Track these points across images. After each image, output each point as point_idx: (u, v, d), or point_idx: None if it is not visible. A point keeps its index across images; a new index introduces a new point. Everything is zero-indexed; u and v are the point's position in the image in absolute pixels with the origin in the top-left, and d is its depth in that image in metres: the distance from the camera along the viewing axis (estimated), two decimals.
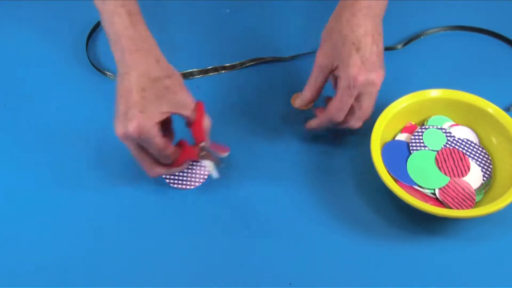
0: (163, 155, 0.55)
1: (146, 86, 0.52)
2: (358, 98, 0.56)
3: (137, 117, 0.51)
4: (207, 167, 0.58)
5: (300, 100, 0.62)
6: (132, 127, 0.51)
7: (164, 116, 0.53)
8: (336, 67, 0.56)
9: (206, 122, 0.57)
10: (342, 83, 0.55)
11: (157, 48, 0.56)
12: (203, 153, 0.57)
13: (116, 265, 0.54)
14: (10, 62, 0.75)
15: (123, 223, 0.57)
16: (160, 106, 0.52)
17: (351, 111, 0.57)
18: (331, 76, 0.58)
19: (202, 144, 0.57)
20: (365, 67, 0.55)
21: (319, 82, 0.59)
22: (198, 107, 0.56)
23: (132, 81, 0.52)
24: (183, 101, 0.54)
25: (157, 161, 0.56)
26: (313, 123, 0.60)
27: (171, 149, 0.55)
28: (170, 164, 0.57)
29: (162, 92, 0.53)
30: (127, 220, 0.57)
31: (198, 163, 0.61)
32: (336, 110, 0.57)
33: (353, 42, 0.55)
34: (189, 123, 0.57)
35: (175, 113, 0.55)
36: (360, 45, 0.55)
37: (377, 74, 0.56)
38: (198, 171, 0.60)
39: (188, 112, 0.55)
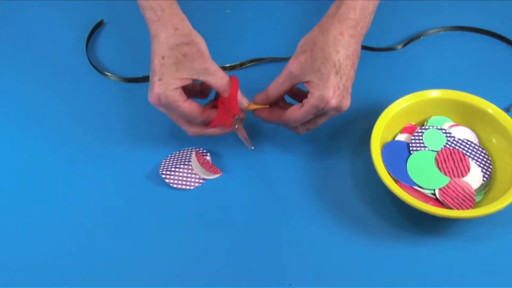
0: (190, 118, 0.57)
1: (165, 54, 0.54)
2: (318, 116, 0.57)
3: (155, 84, 0.54)
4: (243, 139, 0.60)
5: (260, 98, 0.59)
6: (151, 95, 0.55)
7: (183, 83, 0.55)
8: (308, 82, 0.55)
9: (242, 99, 0.58)
10: (313, 101, 0.54)
11: (178, 16, 0.56)
12: (236, 126, 0.58)
13: (115, 265, 0.54)
14: (10, 62, 0.75)
15: (122, 222, 0.57)
16: (177, 73, 0.54)
17: (305, 123, 0.58)
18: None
19: (236, 117, 0.58)
20: (339, 92, 0.54)
21: (283, 88, 0.57)
22: (232, 81, 0.56)
23: (154, 50, 0.55)
24: (203, 68, 0.54)
25: (191, 122, 0.58)
26: (263, 115, 0.60)
27: (196, 112, 0.56)
28: (206, 124, 0.58)
29: (180, 59, 0.54)
30: (126, 219, 0.57)
31: (192, 166, 0.61)
32: (294, 121, 0.57)
33: (334, 64, 0.54)
34: (217, 94, 0.58)
35: (197, 80, 0.56)
36: (340, 69, 0.54)
37: (347, 102, 0.56)
38: (197, 172, 0.60)
39: (212, 80, 0.55)
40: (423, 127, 0.62)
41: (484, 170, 0.58)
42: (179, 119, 0.58)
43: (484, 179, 0.58)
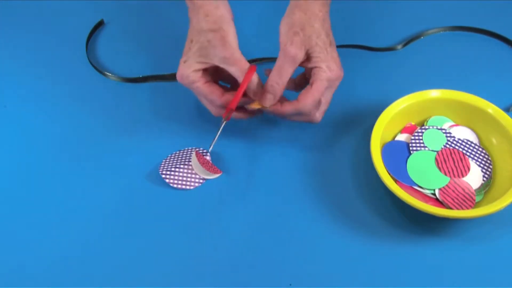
0: (209, 100, 0.59)
1: (194, 38, 0.57)
2: (327, 90, 0.58)
3: (180, 66, 0.58)
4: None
5: (272, 97, 0.58)
6: (177, 75, 0.59)
7: (204, 66, 0.57)
8: (309, 59, 0.57)
9: (253, 85, 0.57)
10: (324, 75, 0.56)
11: (211, 4, 0.57)
12: (224, 122, 0.59)
13: (114, 265, 0.54)
14: (10, 62, 0.75)
15: (122, 222, 0.57)
16: (200, 57, 0.57)
17: (318, 104, 0.59)
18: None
19: (230, 111, 0.58)
20: (338, 62, 0.58)
21: (288, 77, 0.57)
22: (246, 74, 0.56)
23: (188, 34, 0.59)
24: (223, 56, 0.55)
25: (213, 103, 0.60)
26: (276, 112, 0.59)
27: (215, 95, 0.58)
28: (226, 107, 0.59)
29: (204, 44, 0.56)
30: (126, 219, 0.57)
31: (192, 166, 0.61)
32: (313, 102, 0.57)
33: (326, 35, 0.57)
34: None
35: (217, 65, 0.57)
36: (331, 39, 0.58)
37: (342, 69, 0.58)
38: (197, 172, 0.60)
39: (231, 69, 0.56)
40: (423, 127, 0.62)
41: (484, 170, 0.58)
42: (202, 99, 0.61)
43: (484, 179, 0.58)
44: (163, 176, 0.60)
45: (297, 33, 0.56)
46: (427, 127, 0.62)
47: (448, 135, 0.61)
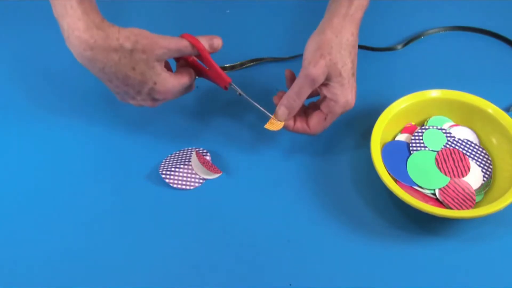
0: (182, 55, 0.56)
1: (137, 66, 0.53)
2: None
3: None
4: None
5: (287, 112, 0.57)
6: (159, 92, 0.57)
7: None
8: (328, 86, 0.56)
9: (215, 42, 0.57)
10: (338, 109, 0.57)
11: (114, 32, 0.56)
12: (238, 92, 0.59)
13: (114, 265, 0.54)
14: (10, 62, 0.75)
15: (122, 222, 0.57)
16: (151, 68, 0.54)
17: None
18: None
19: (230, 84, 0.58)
20: (355, 92, 0.57)
21: (305, 97, 0.57)
22: (193, 41, 0.55)
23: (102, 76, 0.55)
24: (158, 47, 0.53)
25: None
26: (288, 129, 0.59)
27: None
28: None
29: (138, 64, 0.53)
30: (126, 219, 0.57)
31: (192, 166, 0.61)
32: (321, 130, 0.59)
33: (351, 66, 0.56)
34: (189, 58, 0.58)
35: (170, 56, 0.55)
36: (355, 70, 0.57)
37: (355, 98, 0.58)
38: (197, 172, 0.61)
39: (175, 53, 0.54)
40: (423, 127, 0.62)
41: (484, 170, 0.58)
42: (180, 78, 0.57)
43: (484, 179, 0.58)
44: (163, 176, 0.60)
45: (323, 56, 0.54)
46: (427, 127, 0.62)
47: (448, 135, 0.61)
